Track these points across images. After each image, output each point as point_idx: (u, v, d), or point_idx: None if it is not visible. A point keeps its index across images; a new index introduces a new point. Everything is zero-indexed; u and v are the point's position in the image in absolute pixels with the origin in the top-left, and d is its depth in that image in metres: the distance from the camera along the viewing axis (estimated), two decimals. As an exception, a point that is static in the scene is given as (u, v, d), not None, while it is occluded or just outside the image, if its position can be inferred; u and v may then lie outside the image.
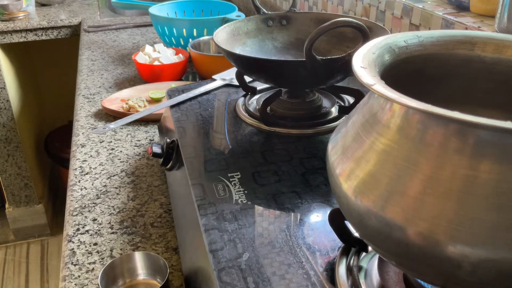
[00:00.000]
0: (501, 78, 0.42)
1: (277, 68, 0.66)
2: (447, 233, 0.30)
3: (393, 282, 0.42)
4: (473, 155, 0.30)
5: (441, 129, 0.31)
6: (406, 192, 0.32)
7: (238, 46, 0.78)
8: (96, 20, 1.80)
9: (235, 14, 1.27)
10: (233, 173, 0.59)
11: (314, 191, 0.55)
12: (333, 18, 0.60)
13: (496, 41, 0.42)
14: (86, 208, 0.73)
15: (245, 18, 0.81)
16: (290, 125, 0.69)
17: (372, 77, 0.33)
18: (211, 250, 0.47)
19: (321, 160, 0.61)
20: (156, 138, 0.92)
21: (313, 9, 1.32)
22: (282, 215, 0.52)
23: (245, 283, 0.43)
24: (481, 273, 0.30)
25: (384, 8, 0.96)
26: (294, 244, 0.47)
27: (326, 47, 0.78)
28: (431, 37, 0.43)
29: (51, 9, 1.99)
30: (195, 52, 1.14)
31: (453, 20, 0.77)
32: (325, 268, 0.44)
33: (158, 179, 0.80)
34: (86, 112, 1.04)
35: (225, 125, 0.72)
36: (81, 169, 0.83)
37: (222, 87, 0.86)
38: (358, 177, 0.35)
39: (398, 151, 0.33)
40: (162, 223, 0.69)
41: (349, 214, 0.37)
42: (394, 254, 0.35)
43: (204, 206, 0.53)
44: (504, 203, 0.29)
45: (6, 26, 1.79)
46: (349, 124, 0.39)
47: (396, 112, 0.34)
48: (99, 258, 0.63)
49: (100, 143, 0.91)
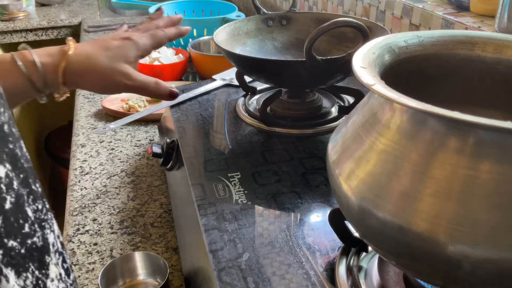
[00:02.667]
0: (501, 78, 0.42)
1: (277, 68, 0.66)
2: (447, 233, 0.30)
3: (393, 282, 0.42)
4: (473, 155, 0.30)
5: (441, 129, 0.31)
6: (406, 192, 0.32)
7: (238, 46, 0.78)
8: (96, 20, 1.80)
9: (235, 14, 1.27)
10: (233, 173, 0.59)
11: (314, 191, 0.55)
12: (333, 18, 0.60)
13: (496, 41, 0.42)
14: (86, 208, 0.73)
15: (245, 18, 0.81)
16: (290, 125, 0.69)
17: (372, 77, 0.33)
18: (211, 250, 0.47)
19: (321, 160, 0.61)
20: (156, 138, 0.92)
21: (313, 9, 1.32)
22: (282, 215, 0.52)
23: (245, 283, 0.43)
24: (481, 273, 0.30)
25: (384, 8, 0.96)
26: (294, 244, 0.47)
27: (326, 47, 0.78)
28: (431, 37, 0.43)
29: (51, 9, 1.99)
30: (195, 52, 1.14)
31: (453, 20, 0.77)
32: (325, 268, 0.44)
33: (158, 179, 0.80)
34: (86, 112, 1.04)
35: (225, 125, 0.72)
36: (81, 169, 0.83)
37: (222, 87, 0.86)
38: (358, 177, 0.35)
39: (398, 151, 0.33)
40: (162, 223, 0.69)
41: (349, 214, 0.37)
42: (394, 254, 0.35)
43: (204, 206, 0.53)
44: (504, 203, 0.29)
45: (6, 26, 1.79)
46: (349, 124, 0.39)
47: (396, 112, 0.34)
48: (99, 258, 0.63)
49: (100, 143, 0.91)
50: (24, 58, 0.53)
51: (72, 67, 0.54)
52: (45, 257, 0.28)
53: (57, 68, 0.53)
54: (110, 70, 0.55)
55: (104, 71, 0.55)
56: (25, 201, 0.27)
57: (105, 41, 0.57)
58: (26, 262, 0.26)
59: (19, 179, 0.27)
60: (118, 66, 0.55)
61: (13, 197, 0.26)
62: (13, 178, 0.27)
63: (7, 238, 0.25)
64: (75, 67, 0.54)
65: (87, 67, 0.54)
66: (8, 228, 0.25)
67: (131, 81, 0.56)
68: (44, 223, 0.29)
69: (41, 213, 0.29)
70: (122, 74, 0.55)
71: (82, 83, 0.56)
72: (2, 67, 0.52)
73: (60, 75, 0.53)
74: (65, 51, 0.54)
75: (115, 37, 0.58)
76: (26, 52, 0.53)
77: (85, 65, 0.54)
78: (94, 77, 0.55)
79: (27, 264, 0.26)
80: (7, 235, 0.25)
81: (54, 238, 0.30)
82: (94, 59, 0.55)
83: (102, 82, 0.56)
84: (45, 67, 0.53)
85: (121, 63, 0.56)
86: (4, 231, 0.25)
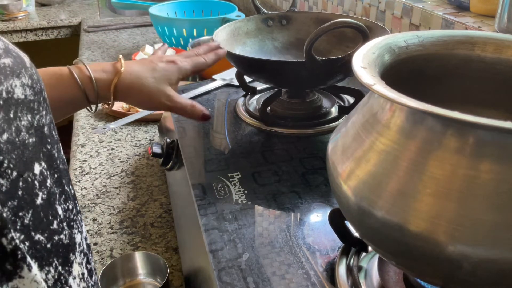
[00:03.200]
0: (501, 78, 0.42)
1: (277, 68, 0.66)
2: (447, 233, 0.30)
3: (393, 282, 0.42)
4: (473, 155, 0.30)
5: (441, 129, 0.31)
6: (406, 192, 0.32)
7: (238, 46, 0.78)
8: (96, 20, 1.80)
9: (235, 14, 1.27)
10: (233, 173, 0.59)
11: (314, 191, 0.55)
12: (333, 18, 0.60)
13: (496, 41, 0.42)
14: (86, 208, 0.73)
15: (245, 18, 0.81)
16: (290, 125, 0.69)
17: (372, 77, 0.33)
18: (211, 250, 0.47)
19: (321, 160, 0.61)
20: (156, 138, 0.92)
21: (313, 9, 1.32)
22: (282, 215, 0.52)
23: (245, 283, 0.43)
24: (481, 273, 0.30)
25: (384, 8, 0.96)
26: (294, 244, 0.47)
27: (326, 47, 0.78)
28: (431, 37, 0.43)
29: (51, 9, 1.99)
30: (195, 52, 1.13)
31: (453, 20, 0.77)
32: (325, 268, 0.44)
33: (158, 179, 0.80)
34: (86, 112, 1.04)
35: (225, 125, 0.72)
36: (81, 169, 0.83)
37: (222, 87, 0.86)
38: (358, 177, 0.35)
39: (398, 151, 0.33)
40: (162, 223, 0.69)
41: (349, 214, 0.37)
42: (394, 254, 0.35)
43: (204, 206, 0.53)
44: (504, 203, 0.29)
45: (6, 26, 1.79)
46: (349, 124, 0.39)
47: (396, 112, 0.34)
48: (99, 258, 0.63)
49: (100, 143, 0.91)
50: (81, 73, 0.57)
51: (123, 84, 0.58)
52: (70, 255, 0.30)
53: (110, 84, 0.58)
54: (156, 91, 0.60)
55: (150, 92, 0.59)
56: (57, 199, 0.29)
57: (152, 62, 0.61)
58: (50, 257, 0.28)
59: (53, 178, 0.29)
60: (163, 88, 0.60)
61: (45, 194, 0.28)
62: (47, 176, 0.28)
63: (34, 231, 0.27)
64: (126, 84, 0.58)
65: (136, 86, 0.59)
66: (37, 222, 0.27)
67: (172, 103, 0.61)
68: (73, 223, 0.31)
69: (71, 213, 0.31)
70: (166, 96, 0.60)
71: (129, 99, 0.60)
72: (61, 80, 0.57)
73: (112, 91, 0.58)
74: (117, 68, 0.59)
75: (161, 59, 0.62)
76: (82, 66, 0.58)
77: (134, 84, 0.59)
78: (141, 96, 0.60)
79: (51, 258, 0.28)
80: (35, 229, 0.27)
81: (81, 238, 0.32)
82: (143, 79, 0.59)
83: (147, 101, 0.61)
84: (99, 82, 0.57)
85: (166, 85, 0.60)
86: (33, 225, 0.26)
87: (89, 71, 0.57)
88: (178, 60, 0.62)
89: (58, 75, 0.58)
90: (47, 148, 0.29)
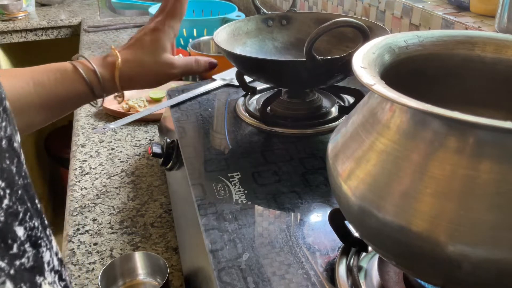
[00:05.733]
0: (501, 78, 0.42)
1: (277, 68, 0.66)
2: (447, 233, 0.30)
3: (393, 282, 0.42)
4: (473, 155, 0.30)
5: (441, 129, 0.31)
6: (406, 192, 0.32)
7: (238, 46, 0.78)
8: (96, 20, 1.80)
9: (235, 14, 1.27)
10: (233, 173, 0.59)
11: (314, 191, 0.55)
12: (333, 18, 0.60)
13: (496, 41, 0.42)
14: (86, 208, 0.73)
15: (245, 18, 0.81)
16: (290, 125, 0.69)
17: (372, 77, 0.33)
18: (211, 250, 0.47)
19: (321, 160, 0.61)
20: (156, 138, 0.92)
21: (313, 9, 1.32)
22: (282, 215, 0.52)
23: (245, 283, 0.43)
24: (481, 273, 0.30)
25: (384, 8, 0.96)
26: (294, 244, 0.47)
27: (326, 47, 0.78)
28: (431, 37, 0.43)
29: (51, 9, 1.99)
30: (195, 52, 1.14)
31: (453, 20, 0.77)
32: (325, 268, 0.44)
33: (158, 179, 0.80)
34: (86, 112, 1.04)
35: (225, 125, 0.72)
36: (81, 169, 0.83)
37: (222, 87, 0.86)
38: (358, 177, 0.35)
39: (398, 151, 0.33)
40: (162, 223, 0.69)
41: (349, 214, 0.37)
42: (394, 254, 0.35)
43: (204, 206, 0.53)
44: (504, 203, 0.29)
45: (6, 26, 1.79)
46: (349, 124, 0.39)
47: (396, 112, 0.34)
48: (99, 258, 0.63)
49: (100, 143, 0.91)
50: (86, 67, 0.57)
51: (125, 74, 0.59)
52: (36, 278, 0.27)
53: (112, 76, 0.58)
54: (156, 65, 0.60)
55: (151, 68, 0.59)
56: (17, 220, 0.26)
57: (138, 40, 0.61)
58: (17, 282, 0.25)
59: (14, 196, 0.26)
60: (160, 58, 0.60)
61: (2, 216, 0.25)
62: (4, 196, 0.25)
63: None
64: (127, 73, 0.59)
65: (137, 70, 0.59)
66: None
67: (177, 69, 0.61)
68: (40, 241, 0.28)
69: (37, 230, 0.28)
70: (168, 64, 0.60)
71: (136, 84, 0.61)
72: (66, 75, 0.57)
73: (117, 82, 0.58)
74: (114, 61, 0.59)
75: (145, 32, 0.61)
76: (85, 61, 0.58)
77: (134, 69, 0.59)
78: (145, 77, 0.60)
79: (18, 284, 0.26)
80: None
81: (50, 256, 0.29)
82: (140, 61, 0.59)
83: (153, 78, 0.61)
84: (103, 75, 0.58)
85: (162, 55, 0.60)
86: None
87: (93, 65, 0.57)
88: (160, 23, 0.62)
89: (62, 71, 0.57)
90: (5, 163, 0.26)
